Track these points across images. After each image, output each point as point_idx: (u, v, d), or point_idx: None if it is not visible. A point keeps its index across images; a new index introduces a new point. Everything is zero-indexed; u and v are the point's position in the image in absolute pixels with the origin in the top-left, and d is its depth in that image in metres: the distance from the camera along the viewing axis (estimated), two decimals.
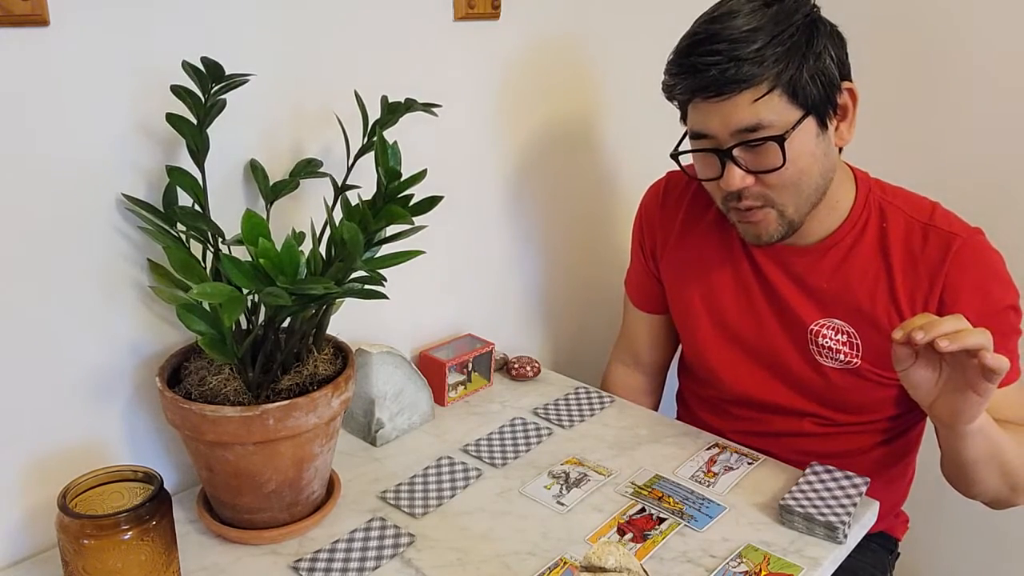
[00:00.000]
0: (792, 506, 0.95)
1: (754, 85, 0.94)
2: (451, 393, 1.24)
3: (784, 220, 1.03)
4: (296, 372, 0.90)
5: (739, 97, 0.94)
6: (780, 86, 0.94)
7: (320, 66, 1.04)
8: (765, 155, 0.97)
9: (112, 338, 0.94)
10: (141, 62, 0.88)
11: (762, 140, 0.95)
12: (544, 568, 0.89)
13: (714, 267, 1.17)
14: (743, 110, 0.95)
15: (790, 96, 0.95)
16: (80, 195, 0.88)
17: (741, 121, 0.95)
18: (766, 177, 0.98)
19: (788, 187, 0.99)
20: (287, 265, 0.79)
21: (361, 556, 0.90)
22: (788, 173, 0.97)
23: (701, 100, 0.97)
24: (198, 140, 0.89)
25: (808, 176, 0.99)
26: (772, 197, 1.00)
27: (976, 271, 1.02)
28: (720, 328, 1.18)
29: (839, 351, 1.08)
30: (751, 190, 1.00)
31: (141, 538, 0.77)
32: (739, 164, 0.98)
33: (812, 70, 0.95)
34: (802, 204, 1.02)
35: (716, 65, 0.94)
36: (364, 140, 0.98)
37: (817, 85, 0.96)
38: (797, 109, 0.96)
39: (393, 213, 0.84)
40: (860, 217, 1.06)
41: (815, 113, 0.97)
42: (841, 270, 1.07)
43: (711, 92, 0.95)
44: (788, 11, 0.95)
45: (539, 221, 1.43)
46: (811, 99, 0.96)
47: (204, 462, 0.89)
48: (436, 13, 1.15)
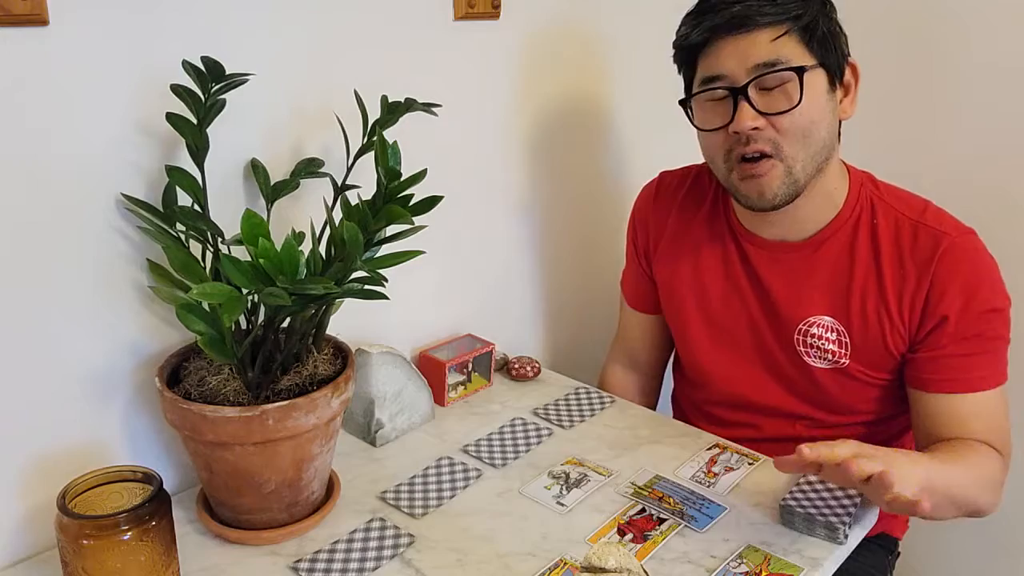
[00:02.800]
0: (793, 507, 0.95)
1: (775, 23, 0.96)
2: (451, 393, 1.24)
3: (790, 177, 1.01)
4: (296, 372, 0.90)
5: (759, 33, 0.97)
6: (798, 30, 0.97)
7: (320, 66, 1.04)
8: (780, 96, 0.98)
9: (112, 338, 0.94)
10: (141, 61, 0.88)
11: (783, 71, 0.96)
12: (544, 569, 0.88)
13: (705, 266, 1.17)
14: (762, 46, 0.96)
15: (807, 43, 0.97)
16: (80, 195, 0.87)
17: (761, 56, 0.97)
18: (778, 120, 0.98)
19: (798, 134, 0.98)
20: (287, 265, 0.79)
21: (361, 557, 0.90)
22: (801, 116, 0.97)
23: (720, 38, 0.99)
24: (198, 140, 0.89)
25: (817, 127, 0.99)
26: (781, 145, 0.99)
27: (964, 270, 1.01)
28: (711, 327, 1.18)
29: (828, 350, 1.08)
30: (761, 134, 0.98)
31: (141, 538, 0.77)
32: (752, 104, 0.98)
33: (827, 25, 0.99)
34: (808, 160, 1.00)
35: (740, 2, 0.97)
36: (364, 140, 0.98)
37: (829, 43, 0.99)
38: (812, 57, 0.98)
39: (393, 213, 0.84)
40: (853, 211, 1.06)
41: (827, 68, 0.99)
42: (834, 266, 1.07)
43: (733, 27, 0.97)
44: None
45: (539, 221, 1.43)
46: (825, 54, 0.98)
47: (204, 462, 0.89)
48: (436, 13, 1.15)
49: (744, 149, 1.00)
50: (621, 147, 1.53)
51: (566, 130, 1.41)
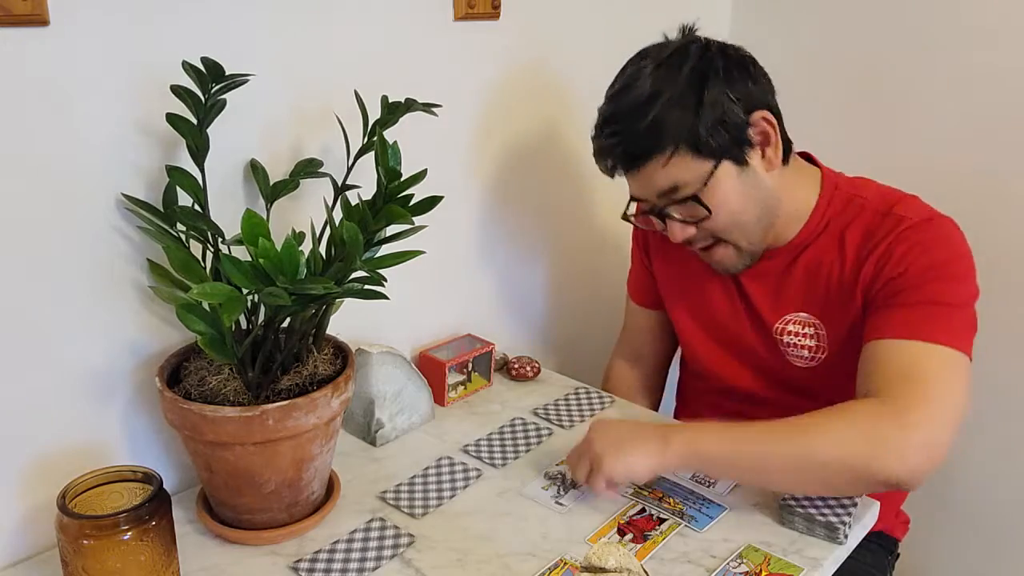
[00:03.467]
0: (792, 506, 0.95)
1: (656, 153, 0.99)
2: (451, 393, 1.24)
3: (742, 252, 1.08)
4: (296, 372, 0.90)
5: (649, 166, 1.00)
6: (682, 146, 0.98)
7: (320, 66, 1.04)
8: (694, 208, 1.02)
9: (112, 338, 0.94)
10: (141, 62, 0.88)
11: (683, 199, 1.01)
12: (544, 569, 0.88)
13: (698, 273, 1.19)
14: (657, 175, 1.01)
15: (695, 152, 0.99)
16: (80, 195, 0.87)
17: (659, 185, 1.02)
18: (703, 224, 1.04)
19: (728, 228, 1.04)
20: (287, 265, 0.79)
21: (361, 556, 0.90)
22: (720, 218, 1.02)
23: (622, 173, 1.05)
24: (198, 140, 0.89)
25: (742, 213, 1.03)
26: (720, 235, 1.06)
27: (914, 238, 0.99)
28: (705, 327, 1.21)
29: (804, 347, 1.10)
30: (697, 236, 1.06)
31: (141, 538, 0.77)
32: (675, 218, 1.04)
33: (710, 121, 0.98)
34: (751, 235, 1.06)
35: (619, 145, 1.01)
36: (364, 140, 0.98)
37: (720, 133, 0.98)
38: (706, 161, 0.99)
39: (393, 213, 0.84)
40: (824, 216, 1.07)
41: (728, 157, 1.00)
42: (807, 266, 1.09)
43: (625, 166, 1.03)
44: (676, 67, 0.99)
45: (539, 221, 1.43)
46: (718, 147, 0.99)
47: (204, 462, 0.89)
48: (436, 13, 1.15)
49: (692, 247, 1.09)
50: None
51: (567, 130, 1.41)
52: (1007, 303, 1.46)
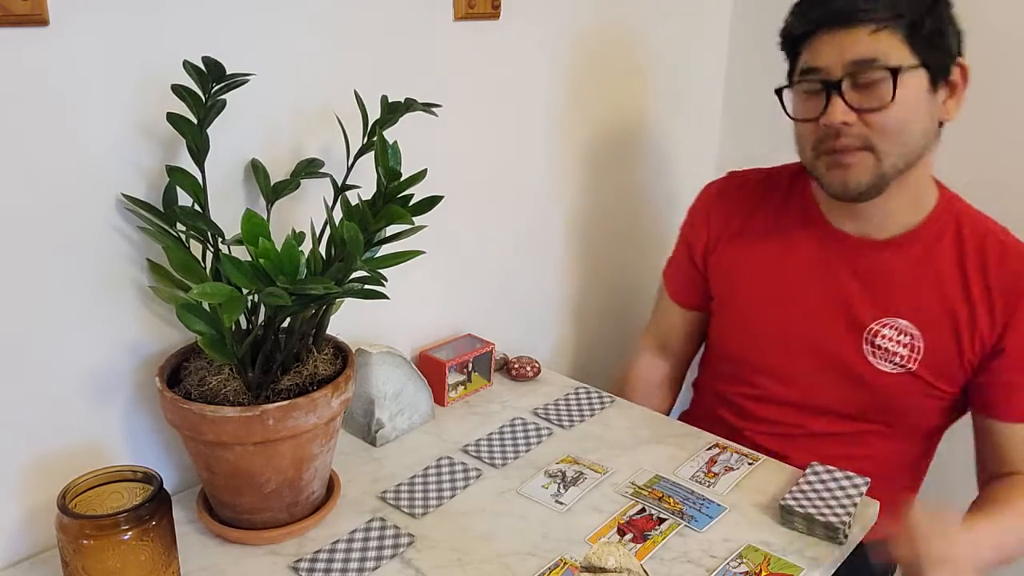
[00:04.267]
0: (792, 506, 0.95)
1: (877, 20, 0.96)
2: (451, 393, 1.24)
3: (878, 170, 1.01)
4: (296, 372, 0.90)
5: (861, 29, 0.96)
6: (902, 28, 0.96)
7: (320, 66, 1.04)
8: (874, 93, 0.97)
9: (112, 338, 0.94)
10: (141, 61, 0.88)
11: (878, 71, 0.96)
12: (544, 568, 0.89)
13: (775, 259, 1.15)
14: (862, 42, 0.96)
15: (909, 42, 0.96)
16: (80, 195, 0.87)
17: (859, 52, 0.96)
18: (869, 117, 0.98)
19: (890, 132, 0.99)
20: (287, 265, 0.79)
21: (361, 556, 0.90)
22: (893, 115, 0.97)
23: (822, 31, 0.99)
24: (198, 140, 0.89)
25: (911, 126, 0.99)
26: (872, 140, 0.99)
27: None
28: (772, 319, 1.16)
29: (896, 353, 1.07)
30: (851, 129, 0.99)
31: (141, 538, 0.77)
32: (844, 99, 0.98)
33: (933, 25, 0.97)
34: (899, 157, 1.00)
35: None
36: (364, 140, 0.98)
37: (934, 43, 0.98)
38: (913, 56, 0.97)
39: (393, 213, 0.84)
40: (940, 219, 1.06)
41: (928, 68, 0.98)
42: (916, 270, 1.06)
43: (836, 21, 0.97)
44: None
45: (539, 221, 1.43)
46: (927, 53, 0.97)
47: (204, 462, 0.89)
48: (436, 13, 1.15)
49: (834, 143, 1.00)
50: (622, 146, 1.54)
51: (566, 130, 1.41)
52: None
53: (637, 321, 1.62)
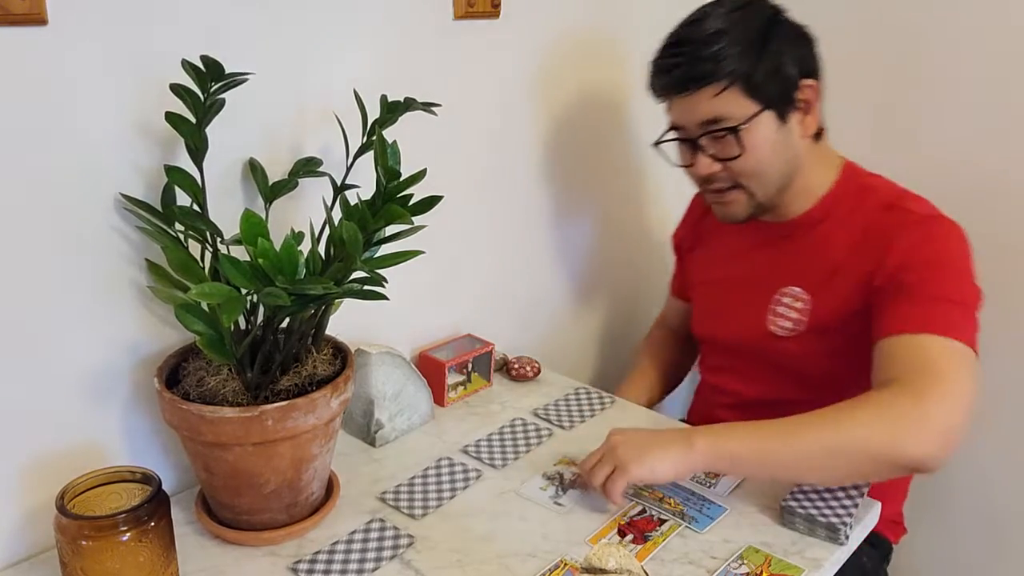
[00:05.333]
0: (794, 507, 0.94)
1: (713, 82, 1.05)
2: (451, 393, 1.24)
3: (752, 201, 1.13)
4: (295, 373, 0.89)
5: (700, 93, 1.06)
6: (737, 83, 1.05)
7: (320, 65, 1.04)
8: (727, 145, 1.08)
9: (110, 338, 0.94)
10: (140, 61, 0.88)
11: (723, 132, 1.07)
12: (544, 569, 0.88)
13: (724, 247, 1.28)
14: (704, 104, 1.06)
15: (747, 92, 1.05)
16: (79, 195, 0.87)
17: (703, 114, 1.07)
18: (730, 164, 1.09)
19: (751, 174, 1.10)
20: (286, 265, 0.78)
21: (360, 557, 0.90)
22: (748, 161, 1.08)
23: (672, 96, 1.10)
24: (197, 139, 0.88)
25: (768, 164, 1.09)
26: (739, 181, 1.11)
27: (917, 235, 1.04)
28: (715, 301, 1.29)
29: (788, 318, 1.16)
30: (719, 175, 1.11)
31: (139, 539, 0.77)
32: (706, 152, 1.10)
33: (768, 69, 1.05)
34: (768, 188, 1.12)
35: (681, 65, 1.07)
36: (363, 139, 0.98)
37: (773, 83, 1.06)
38: (754, 104, 1.06)
39: (392, 213, 0.84)
40: (835, 200, 1.14)
41: (773, 108, 1.07)
42: (811, 244, 1.15)
43: (678, 88, 1.08)
44: (750, 16, 1.07)
45: (539, 221, 1.43)
46: (768, 95, 1.06)
47: (203, 463, 0.89)
48: (436, 12, 1.15)
49: (708, 187, 1.14)
50: (622, 145, 1.53)
51: (566, 129, 1.41)
52: (1007, 303, 1.46)
53: (637, 321, 1.62)
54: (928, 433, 0.90)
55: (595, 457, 0.99)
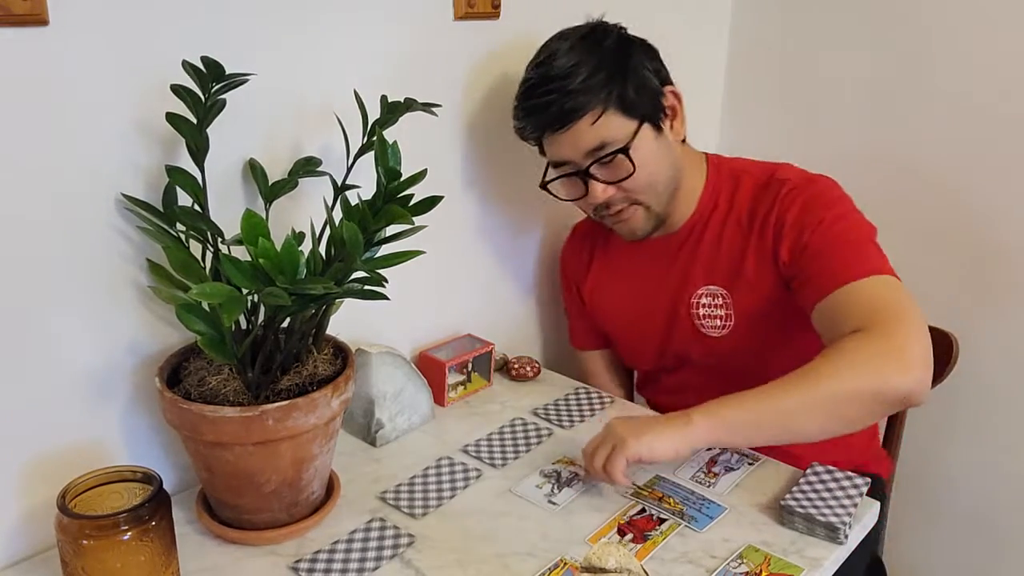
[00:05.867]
0: (793, 507, 0.95)
1: (590, 111, 1.06)
2: (451, 393, 1.24)
3: (651, 214, 1.16)
4: (296, 372, 0.90)
5: (580, 123, 1.07)
6: (612, 105, 1.07)
7: (320, 66, 1.04)
8: (617, 167, 1.10)
9: (111, 338, 0.94)
10: (141, 61, 0.88)
11: (611, 155, 1.08)
12: (544, 569, 0.88)
13: (625, 278, 1.28)
14: (587, 133, 1.07)
15: (623, 112, 1.08)
16: (80, 195, 0.87)
17: (588, 143, 1.08)
18: (623, 184, 1.11)
19: (645, 188, 1.12)
20: (287, 265, 0.79)
21: (361, 557, 0.90)
22: (640, 177, 1.10)
23: (551, 134, 1.10)
24: (198, 140, 0.88)
25: (658, 174, 1.12)
26: (635, 198, 1.13)
27: (800, 198, 1.09)
28: (631, 328, 1.29)
29: (716, 316, 1.18)
30: (615, 198, 1.13)
31: (140, 538, 0.77)
32: (598, 179, 1.11)
33: (635, 85, 1.08)
34: (661, 197, 1.15)
35: (554, 102, 1.07)
36: (364, 140, 0.98)
37: (643, 96, 1.09)
38: (632, 121, 1.08)
39: (393, 213, 0.84)
40: (713, 193, 1.18)
41: (648, 120, 1.10)
42: (708, 242, 1.18)
43: (556, 125, 1.08)
44: (599, 40, 1.09)
45: (539, 221, 1.43)
46: (641, 109, 1.09)
47: (203, 462, 0.89)
48: (436, 13, 1.15)
49: (606, 212, 1.16)
50: None
51: None
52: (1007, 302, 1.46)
53: None
54: (909, 364, 0.94)
55: (595, 441, 1.00)
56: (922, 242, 1.49)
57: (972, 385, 1.50)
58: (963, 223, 1.46)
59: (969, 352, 1.35)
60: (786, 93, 1.63)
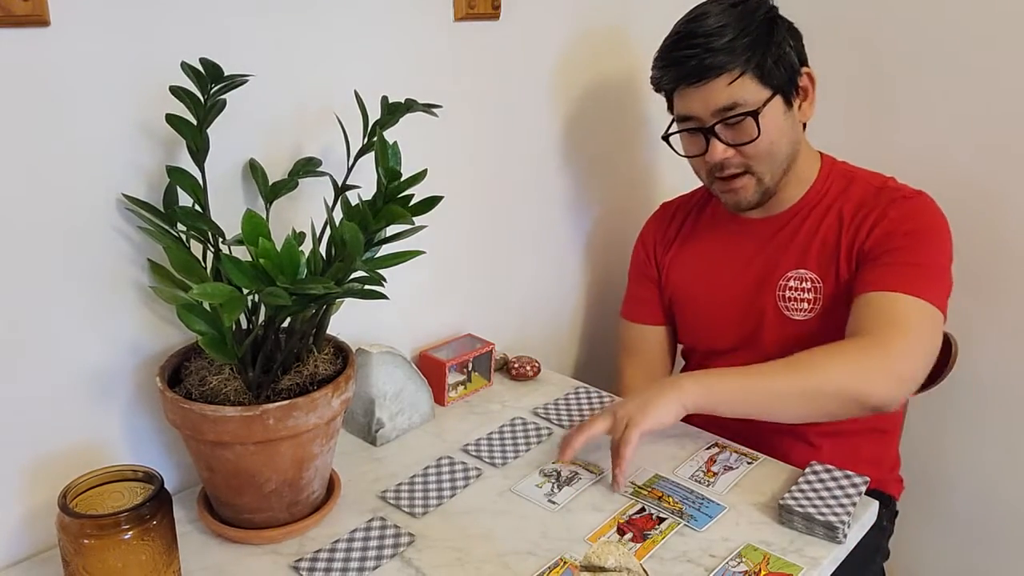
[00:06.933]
0: (792, 506, 0.95)
1: (728, 70, 1.10)
2: (451, 393, 1.24)
3: (761, 186, 1.18)
4: (296, 372, 0.90)
5: (717, 81, 1.10)
6: (750, 70, 1.10)
7: (320, 66, 1.05)
8: (742, 130, 1.13)
9: (112, 338, 0.94)
10: (141, 62, 0.88)
11: (740, 116, 1.11)
12: (544, 568, 0.89)
13: (708, 256, 1.30)
14: (721, 92, 1.11)
15: (759, 79, 1.11)
16: (80, 195, 0.88)
17: (719, 101, 1.11)
18: (744, 149, 1.14)
19: (763, 156, 1.14)
20: (287, 265, 0.79)
21: (361, 556, 0.90)
22: (762, 144, 1.13)
23: (685, 87, 1.13)
24: (198, 140, 0.89)
25: (779, 146, 1.15)
26: (751, 165, 1.15)
27: (899, 208, 1.14)
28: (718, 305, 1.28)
29: (803, 300, 1.20)
30: (732, 160, 1.15)
31: (141, 538, 0.78)
32: (720, 139, 1.14)
33: (775, 56, 1.11)
34: (776, 171, 1.17)
35: (696, 56, 1.10)
36: (364, 140, 0.98)
37: (780, 69, 1.12)
38: (766, 89, 1.12)
39: (393, 213, 0.84)
40: (824, 186, 1.21)
41: (781, 93, 1.13)
42: (808, 229, 1.20)
43: (693, 79, 1.11)
44: (751, 10, 1.12)
45: (539, 220, 1.43)
46: (777, 81, 1.12)
47: (204, 462, 0.89)
48: (436, 13, 1.15)
49: (720, 173, 1.17)
50: (622, 146, 1.54)
51: (567, 130, 1.41)
52: (1006, 303, 1.46)
53: None
54: (892, 380, 1.02)
55: (600, 426, 1.03)
56: None
57: (971, 385, 1.50)
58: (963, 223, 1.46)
59: (968, 352, 1.35)
60: None
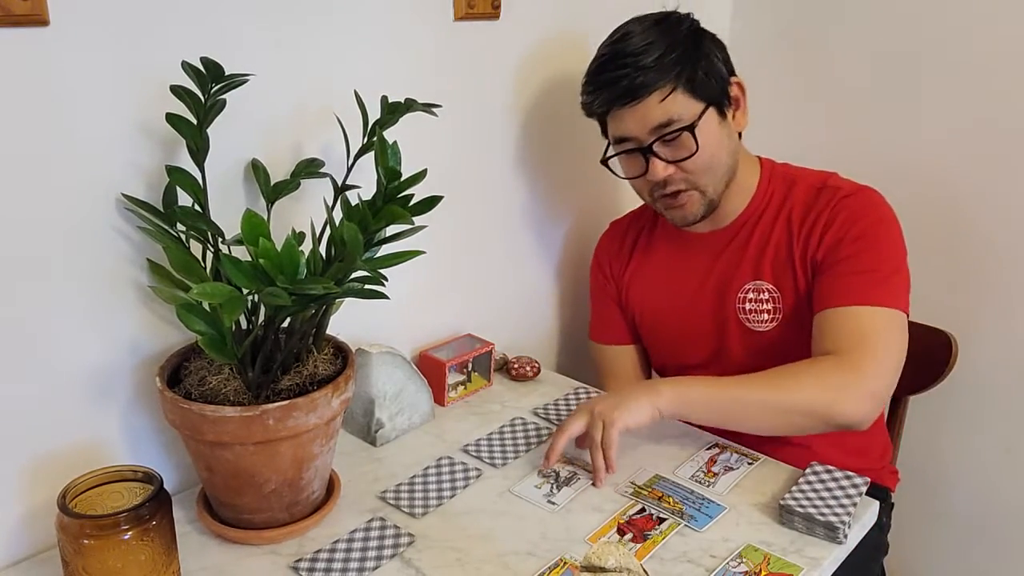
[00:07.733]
0: (792, 506, 0.95)
1: (660, 87, 1.09)
2: (451, 393, 1.24)
3: (705, 199, 1.17)
4: (296, 372, 0.90)
5: (649, 99, 1.10)
6: (681, 85, 1.10)
7: (320, 66, 1.04)
8: (680, 145, 1.12)
9: (112, 338, 0.94)
10: (141, 62, 0.88)
11: (677, 132, 1.11)
12: (544, 568, 0.89)
13: (664, 274, 1.29)
14: (655, 110, 1.10)
15: (691, 92, 1.11)
16: (80, 195, 0.88)
17: (655, 119, 1.11)
18: (684, 164, 1.13)
19: (704, 170, 1.14)
20: (287, 265, 0.79)
21: (361, 556, 0.90)
22: (701, 158, 1.12)
23: (618, 108, 1.12)
24: (198, 140, 0.89)
25: (718, 158, 1.15)
26: (693, 180, 1.15)
27: (848, 210, 1.13)
28: (680, 321, 1.27)
29: (763, 311, 1.19)
30: (674, 177, 1.15)
31: (141, 538, 0.77)
32: (660, 157, 1.13)
33: (704, 69, 1.12)
34: (718, 183, 1.17)
35: (626, 76, 1.10)
36: (364, 140, 0.98)
37: (711, 81, 1.12)
38: (699, 103, 1.11)
39: (393, 213, 0.84)
40: (767, 193, 1.21)
41: (714, 104, 1.13)
42: (758, 238, 1.20)
43: (626, 99, 1.11)
44: (674, 25, 1.13)
45: (539, 221, 1.43)
46: (708, 93, 1.12)
47: (204, 462, 0.89)
48: (436, 13, 1.15)
49: (663, 191, 1.17)
50: None
51: (566, 130, 1.41)
52: (1006, 303, 1.46)
53: None
54: (862, 399, 1.04)
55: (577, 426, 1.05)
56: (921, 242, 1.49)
57: (971, 385, 1.50)
58: (963, 223, 1.46)
59: (968, 352, 1.35)
60: (784, 93, 1.63)
